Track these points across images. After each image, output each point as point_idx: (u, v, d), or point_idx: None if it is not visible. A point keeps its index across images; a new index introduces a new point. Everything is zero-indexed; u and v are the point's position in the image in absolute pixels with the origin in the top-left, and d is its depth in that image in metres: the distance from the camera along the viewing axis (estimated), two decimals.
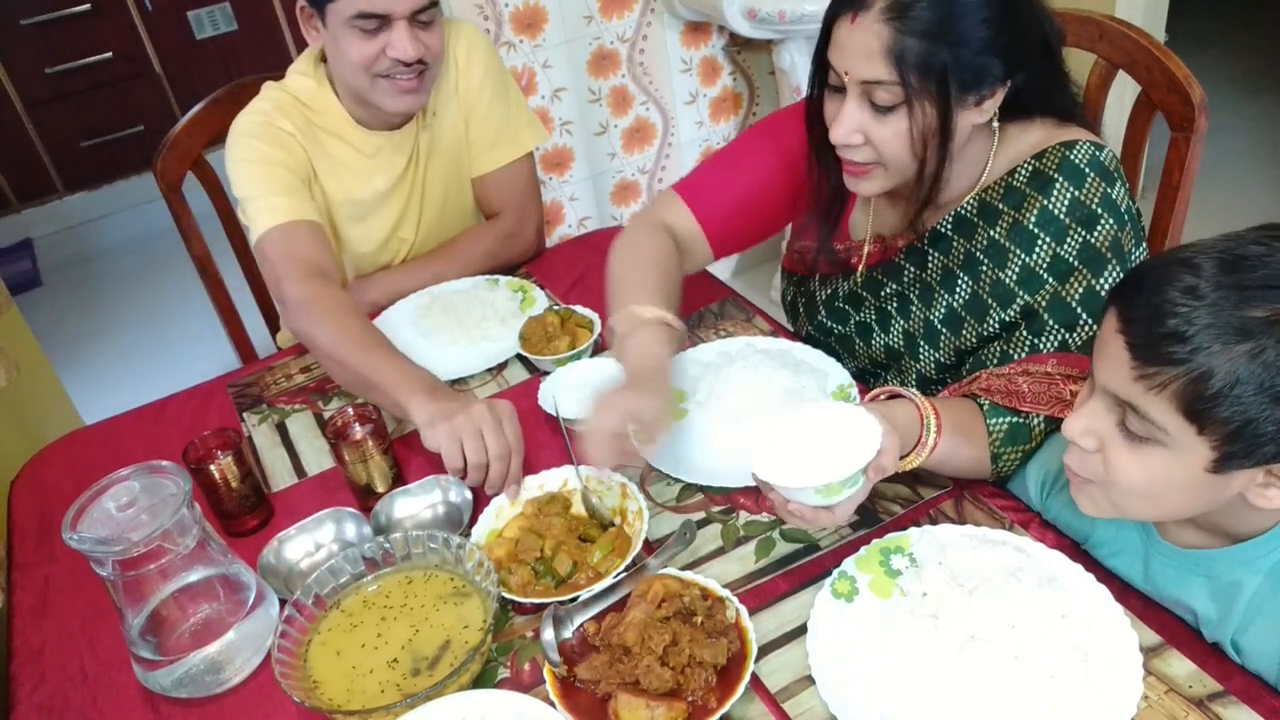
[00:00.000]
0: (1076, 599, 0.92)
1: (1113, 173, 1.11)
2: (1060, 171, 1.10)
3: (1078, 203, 1.09)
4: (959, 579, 0.95)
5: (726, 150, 1.35)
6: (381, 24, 1.38)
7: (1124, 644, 0.88)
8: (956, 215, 1.18)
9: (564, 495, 1.13)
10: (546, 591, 1.02)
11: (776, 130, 1.32)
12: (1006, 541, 0.98)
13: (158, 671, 1.00)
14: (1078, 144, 1.11)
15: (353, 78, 1.44)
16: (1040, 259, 1.10)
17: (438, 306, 1.52)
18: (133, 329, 3.39)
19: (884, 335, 1.28)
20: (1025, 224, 1.11)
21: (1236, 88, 3.61)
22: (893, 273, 1.26)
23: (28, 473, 1.39)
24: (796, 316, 1.42)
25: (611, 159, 2.70)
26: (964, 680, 0.87)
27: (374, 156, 1.56)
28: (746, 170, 1.32)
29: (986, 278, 1.15)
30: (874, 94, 1.06)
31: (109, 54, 3.69)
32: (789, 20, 2.20)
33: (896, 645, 0.91)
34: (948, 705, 0.86)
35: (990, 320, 1.14)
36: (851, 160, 1.13)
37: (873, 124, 1.08)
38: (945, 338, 1.20)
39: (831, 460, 0.92)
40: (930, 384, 1.25)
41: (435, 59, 1.45)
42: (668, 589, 0.95)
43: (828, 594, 0.97)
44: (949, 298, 1.19)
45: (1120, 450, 0.82)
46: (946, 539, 1.00)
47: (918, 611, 0.93)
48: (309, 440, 1.34)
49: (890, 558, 0.99)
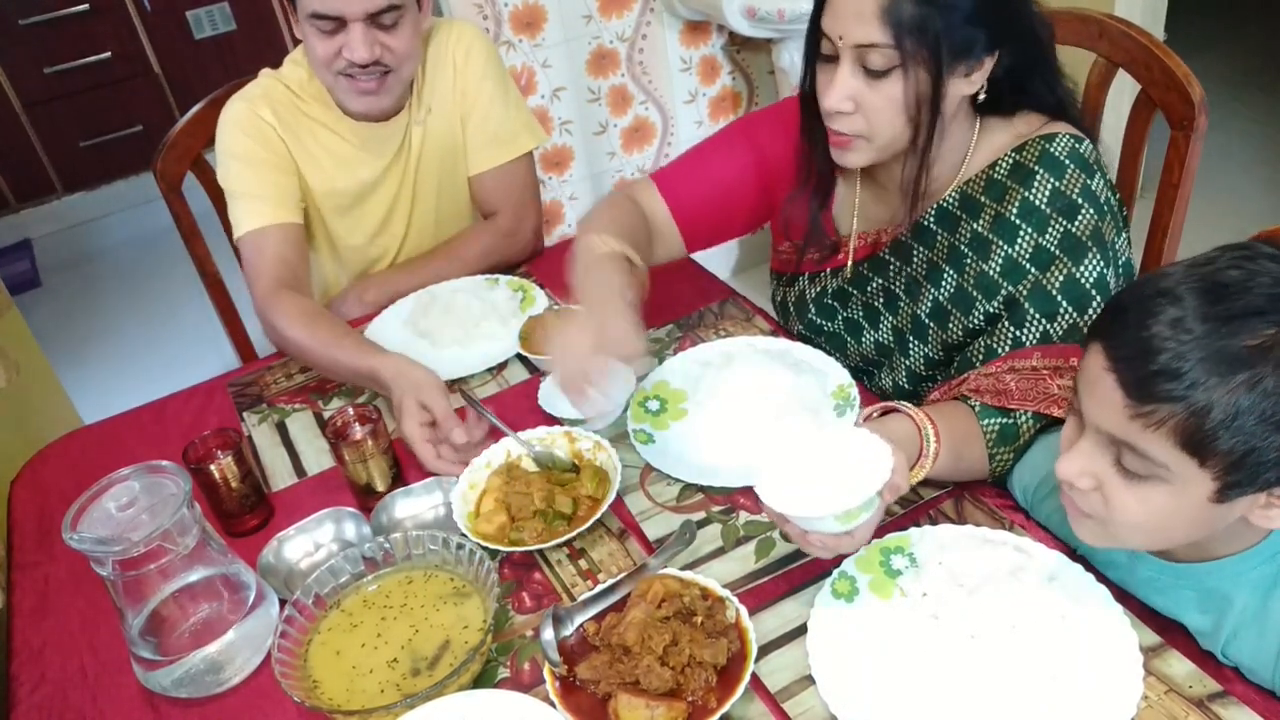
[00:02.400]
0: (1076, 599, 0.92)
1: (1092, 165, 1.11)
2: (1040, 163, 1.11)
3: (1058, 193, 1.10)
4: (959, 579, 0.95)
5: (704, 144, 1.37)
6: (338, 25, 1.38)
7: (1124, 644, 0.88)
8: (939, 208, 1.19)
9: (514, 464, 1.18)
10: (565, 530, 1.07)
11: (754, 129, 1.33)
12: (1006, 541, 0.99)
13: (158, 671, 1.00)
14: (1057, 136, 1.12)
15: (320, 75, 1.47)
16: (1023, 249, 1.11)
17: (438, 306, 1.51)
18: (132, 329, 3.39)
19: (874, 332, 1.28)
20: (1007, 215, 1.12)
21: (1236, 87, 3.61)
22: (879, 268, 1.27)
23: (28, 473, 1.39)
24: (787, 316, 1.42)
25: (611, 158, 2.70)
26: (964, 680, 0.87)
27: (361, 147, 1.56)
28: (720, 165, 1.33)
29: (971, 270, 1.15)
30: (868, 58, 1.06)
31: (108, 54, 3.68)
32: (788, 19, 2.20)
33: (897, 645, 0.91)
34: (948, 705, 0.86)
35: (976, 313, 1.15)
36: (839, 130, 1.13)
37: (865, 91, 1.08)
38: (933, 332, 1.20)
39: (845, 485, 0.90)
40: (921, 380, 1.25)
41: (399, 61, 1.44)
42: (668, 589, 0.95)
43: (828, 594, 0.97)
44: (935, 291, 1.19)
45: (1119, 489, 0.80)
46: (946, 539, 1.00)
47: (918, 611, 0.93)
48: (309, 440, 1.34)
49: (890, 558, 0.99)
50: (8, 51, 3.57)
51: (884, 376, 1.31)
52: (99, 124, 3.80)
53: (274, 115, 1.50)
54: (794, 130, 1.26)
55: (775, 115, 1.32)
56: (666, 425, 1.24)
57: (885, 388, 1.31)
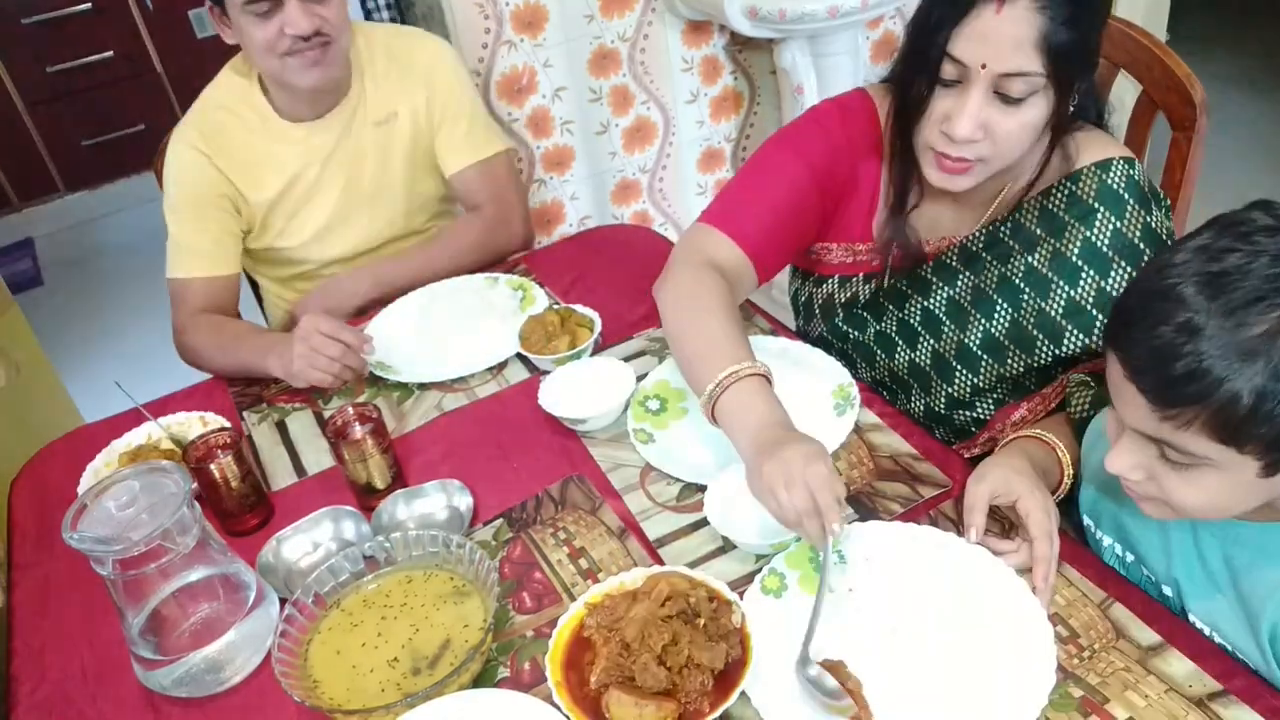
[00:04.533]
0: (995, 593, 0.95)
1: (1148, 195, 1.11)
2: (1100, 200, 1.10)
3: (1119, 234, 1.09)
4: (883, 574, 0.98)
5: (746, 175, 1.26)
6: (273, 6, 1.44)
7: (1039, 636, 0.90)
8: (988, 234, 1.18)
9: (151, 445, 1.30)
10: None
11: (796, 141, 1.25)
12: (929, 538, 1.01)
13: (158, 671, 1.00)
14: (1112, 165, 1.11)
15: (264, 63, 1.51)
16: (1085, 292, 1.11)
17: (437, 305, 1.51)
18: (133, 328, 3.39)
19: (909, 351, 1.26)
20: (1068, 255, 1.11)
21: (1237, 87, 3.61)
22: (919, 285, 1.25)
23: (28, 472, 1.39)
24: (810, 316, 1.38)
25: (612, 158, 2.70)
26: (885, 673, 0.90)
27: (296, 146, 1.60)
28: (775, 189, 1.23)
29: (1028, 307, 1.14)
30: (1008, 85, 1.02)
31: (110, 53, 3.68)
32: (790, 19, 2.20)
33: (822, 639, 0.92)
34: (870, 698, 0.87)
35: (1041, 352, 1.15)
36: (958, 156, 1.08)
37: (998, 117, 1.04)
38: (987, 364, 1.19)
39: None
40: (959, 406, 1.24)
41: (336, 30, 1.50)
42: (674, 587, 0.95)
43: (757, 590, 0.99)
44: (986, 323, 1.18)
45: (1169, 477, 0.81)
46: (873, 535, 1.03)
47: (843, 607, 0.96)
48: (309, 439, 1.34)
49: (819, 554, 1.01)
50: (10, 50, 3.57)
51: (915, 399, 1.29)
52: (101, 123, 3.80)
53: (207, 144, 1.56)
54: (832, 133, 1.23)
55: (811, 123, 1.26)
56: (666, 425, 1.24)
57: (914, 410, 1.29)
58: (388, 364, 1.42)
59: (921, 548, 1.00)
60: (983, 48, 1.01)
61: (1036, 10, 0.99)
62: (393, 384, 1.40)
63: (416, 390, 1.39)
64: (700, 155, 2.84)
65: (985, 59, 1.01)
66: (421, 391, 1.39)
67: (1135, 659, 0.90)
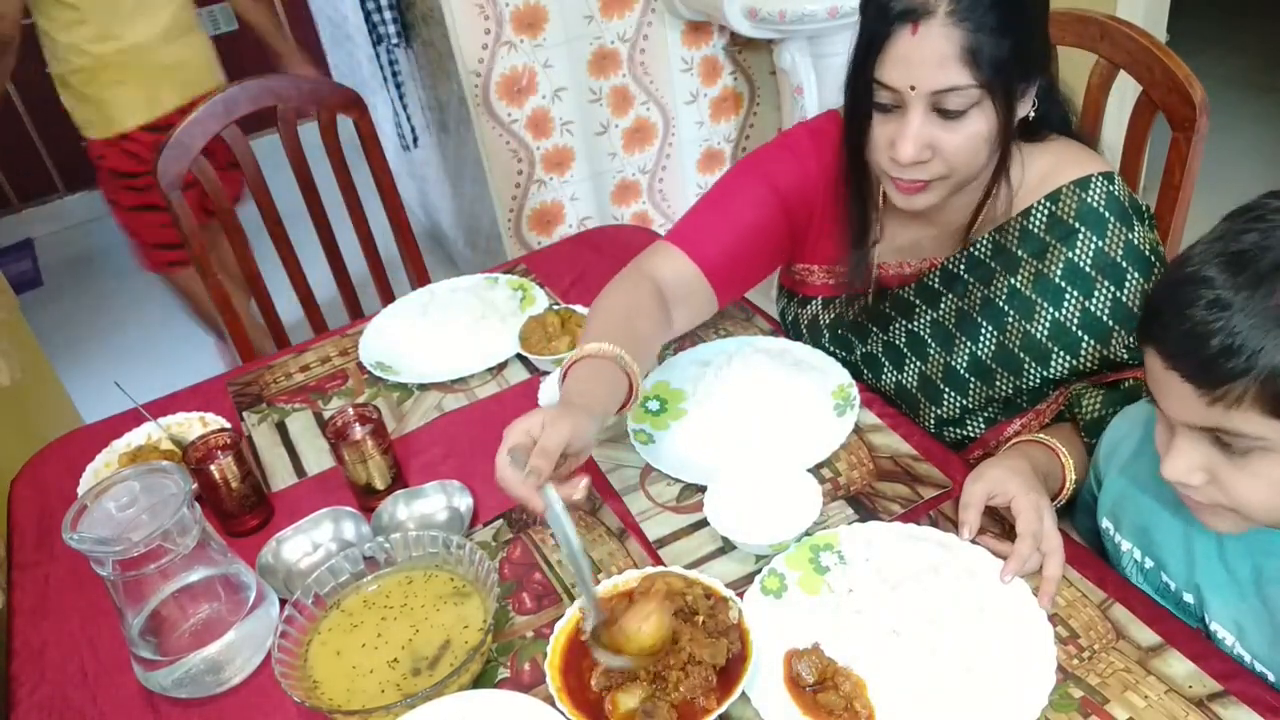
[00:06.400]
0: (995, 594, 0.95)
1: (1129, 210, 1.10)
2: (1080, 219, 1.10)
3: (1101, 253, 1.09)
4: (883, 575, 0.98)
5: (712, 195, 1.27)
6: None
7: (1039, 637, 0.91)
8: (970, 256, 1.18)
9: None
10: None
11: (765, 166, 1.25)
12: (929, 538, 1.01)
13: (158, 671, 1.00)
14: (1091, 182, 1.10)
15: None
16: (1069, 313, 1.11)
17: (436, 306, 1.51)
18: (133, 328, 3.39)
19: (896, 373, 1.26)
20: (1051, 277, 1.11)
21: (1237, 88, 3.61)
22: (902, 308, 1.25)
23: (28, 472, 1.39)
24: (798, 336, 1.38)
25: (612, 159, 2.70)
26: (886, 674, 0.90)
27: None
28: (739, 209, 1.24)
29: (1013, 329, 1.14)
30: (944, 102, 1.01)
31: None
32: (789, 20, 2.20)
33: (823, 641, 0.93)
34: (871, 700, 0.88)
35: (1028, 374, 1.15)
36: (914, 178, 1.08)
37: (941, 134, 1.03)
38: (975, 386, 1.19)
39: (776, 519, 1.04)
40: (946, 425, 1.24)
41: None
42: (671, 587, 0.95)
43: (757, 590, 0.99)
44: (971, 345, 1.18)
45: (1229, 473, 0.79)
46: (873, 535, 1.03)
47: (843, 608, 0.96)
48: (309, 440, 1.34)
49: (820, 555, 1.02)
50: None
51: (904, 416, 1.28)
52: None
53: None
54: (803, 158, 1.23)
55: (779, 147, 1.26)
56: (666, 425, 1.24)
57: None
58: (388, 364, 1.42)
59: (921, 548, 1.00)
60: (908, 70, 1.00)
61: (954, 24, 0.98)
62: (393, 384, 1.41)
63: (416, 391, 1.39)
64: (700, 156, 2.84)
65: (913, 80, 1.01)
66: (421, 392, 1.39)
67: (1135, 659, 0.90)
